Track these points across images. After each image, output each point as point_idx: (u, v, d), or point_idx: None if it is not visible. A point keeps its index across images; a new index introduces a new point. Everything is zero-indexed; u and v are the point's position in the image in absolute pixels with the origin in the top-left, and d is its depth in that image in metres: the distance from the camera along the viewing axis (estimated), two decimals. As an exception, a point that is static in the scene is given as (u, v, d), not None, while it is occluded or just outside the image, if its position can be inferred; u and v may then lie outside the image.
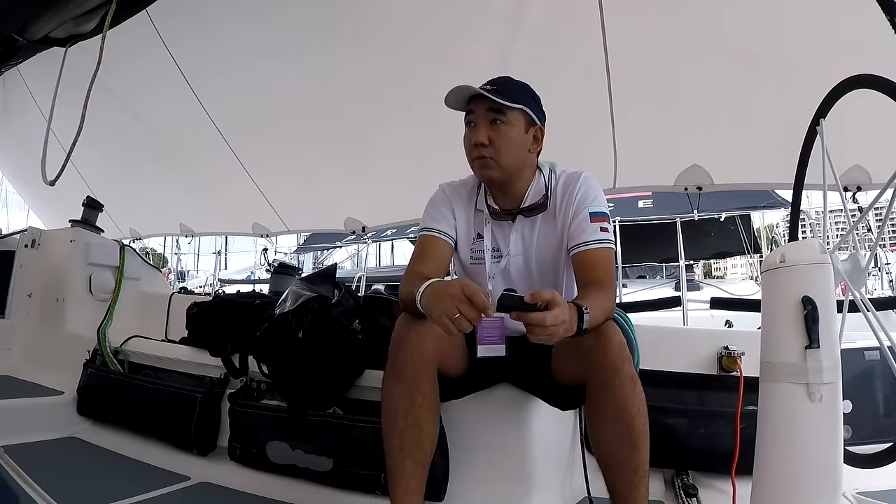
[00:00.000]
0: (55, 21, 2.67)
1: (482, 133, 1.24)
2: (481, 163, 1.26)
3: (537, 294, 0.94)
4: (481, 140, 1.23)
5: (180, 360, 1.94)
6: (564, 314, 0.95)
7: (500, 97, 1.21)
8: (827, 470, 1.02)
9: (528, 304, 0.94)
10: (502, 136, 1.24)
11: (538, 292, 0.95)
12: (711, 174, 2.78)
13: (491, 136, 1.24)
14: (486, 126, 1.24)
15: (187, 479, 1.57)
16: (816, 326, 1.03)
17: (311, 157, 3.63)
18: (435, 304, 0.99)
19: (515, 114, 1.25)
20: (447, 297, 0.97)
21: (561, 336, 0.96)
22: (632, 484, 1.05)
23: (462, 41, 2.61)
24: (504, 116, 1.24)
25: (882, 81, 1.08)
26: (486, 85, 1.25)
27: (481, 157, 1.25)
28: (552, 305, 0.93)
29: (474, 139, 1.24)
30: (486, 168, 1.26)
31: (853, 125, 1.92)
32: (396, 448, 1.10)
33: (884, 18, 1.03)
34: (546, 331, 0.93)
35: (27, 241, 2.67)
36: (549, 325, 0.92)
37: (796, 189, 1.55)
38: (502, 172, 1.27)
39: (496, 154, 1.24)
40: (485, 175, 1.29)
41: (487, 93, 1.21)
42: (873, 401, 1.67)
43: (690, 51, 2.36)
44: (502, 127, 1.24)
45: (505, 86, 1.25)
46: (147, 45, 3.07)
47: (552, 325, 0.92)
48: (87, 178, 4.37)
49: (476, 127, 1.25)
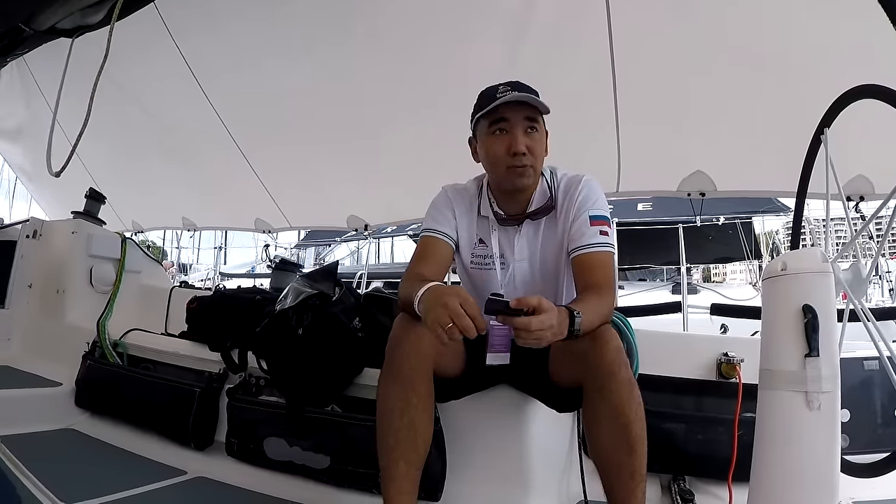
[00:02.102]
0: (62, 12, 2.67)
1: (521, 141, 1.22)
2: (521, 171, 1.25)
3: (523, 300, 0.96)
4: (522, 149, 1.22)
5: (179, 354, 1.94)
6: (551, 319, 0.95)
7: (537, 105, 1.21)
8: (824, 478, 1.02)
9: (513, 308, 0.95)
10: (537, 143, 1.25)
11: (524, 298, 0.96)
12: (715, 181, 2.78)
13: (528, 144, 1.23)
14: (523, 134, 1.23)
15: (184, 473, 1.57)
16: (816, 335, 1.03)
17: (316, 155, 3.63)
18: (429, 312, 0.99)
19: (542, 120, 1.26)
20: (440, 306, 0.97)
21: (549, 340, 0.97)
22: (628, 488, 1.05)
23: (470, 43, 2.62)
24: (537, 124, 1.25)
25: (888, 92, 1.08)
26: (509, 90, 1.23)
27: (522, 166, 1.24)
28: (538, 311, 0.94)
29: (514, 148, 1.23)
30: (524, 177, 1.26)
31: (857, 135, 1.92)
32: (391, 448, 1.10)
33: (889, 27, 1.03)
34: (532, 335, 0.94)
35: (29, 232, 2.67)
36: (534, 329, 0.94)
37: (799, 198, 1.54)
38: (535, 180, 1.28)
39: (534, 162, 1.25)
40: (522, 184, 1.27)
41: (526, 101, 1.21)
42: (871, 410, 1.67)
43: (696, 57, 2.36)
44: (536, 135, 1.25)
45: (531, 92, 1.25)
46: (155, 38, 3.07)
47: (538, 330, 0.94)
48: (90, 169, 4.37)
49: (512, 134, 1.24)
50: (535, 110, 1.23)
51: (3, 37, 2.87)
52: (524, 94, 1.22)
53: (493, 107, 1.23)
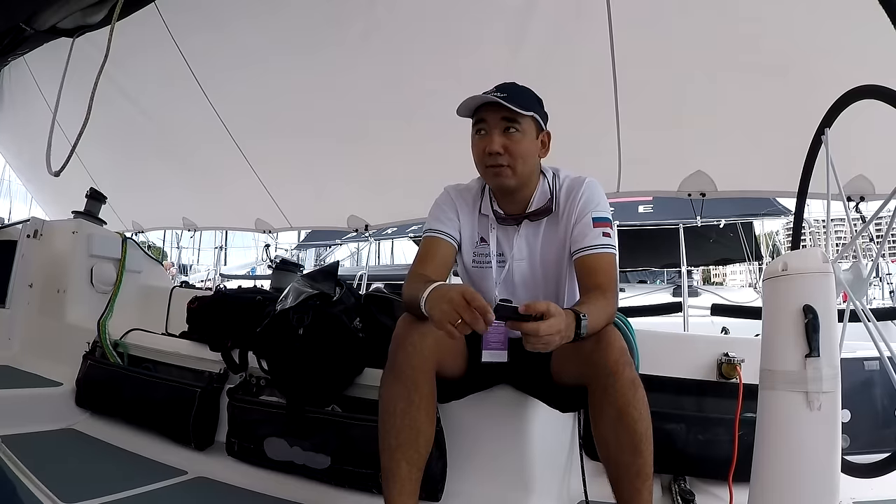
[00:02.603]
0: (63, 11, 2.67)
1: (496, 142, 1.23)
2: (496, 171, 1.25)
3: (531, 305, 0.95)
4: (496, 149, 1.23)
5: (180, 354, 1.94)
6: (560, 324, 0.96)
7: (513, 105, 1.21)
8: (824, 479, 1.02)
9: (522, 314, 0.95)
10: (516, 144, 1.24)
11: (533, 304, 0.96)
12: (715, 181, 2.78)
13: (505, 144, 1.23)
14: (500, 134, 1.23)
15: (184, 473, 1.57)
16: (817, 335, 1.03)
17: (316, 155, 3.63)
18: (436, 309, 1.00)
19: (528, 121, 1.25)
20: (446, 302, 0.97)
21: (557, 344, 0.97)
22: (634, 487, 1.06)
23: (471, 43, 2.61)
24: (517, 124, 1.24)
25: (888, 93, 1.08)
26: (494, 92, 1.24)
27: (497, 166, 1.24)
28: (547, 316, 0.94)
29: (489, 148, 1.23)
30: (501, 177, 1.26)
31: (858, 135, 1.92)
32: (392, 448, 1.10)
33: (889, 27, 1.03)
34: (541, 340, 0.94)
35: (29, 232, 2.67)
36: (542, 335, 0.94)
37: (800, 198, 1.55)
38: (517, 180, 1.28)
39: (512, 162, 1.24)
40: (499, 183, 1.28)
41: (500, 100, 1.20)
42: (872, 411, 1.67)
43: (697, 57, 2.36)
44: (516, 135, 1.24)
45: (515, 92, 1.25)
46: (155, 38, 3.07)
47: (546, 335, 0.94)
48: (90, 169, 4.37)
49: (489, 135, 1.24)
50: (513, 111, 1.22)
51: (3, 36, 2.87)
52: (498, 95, 1.22)
53: (474, 108, 1.26)
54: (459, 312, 0.95)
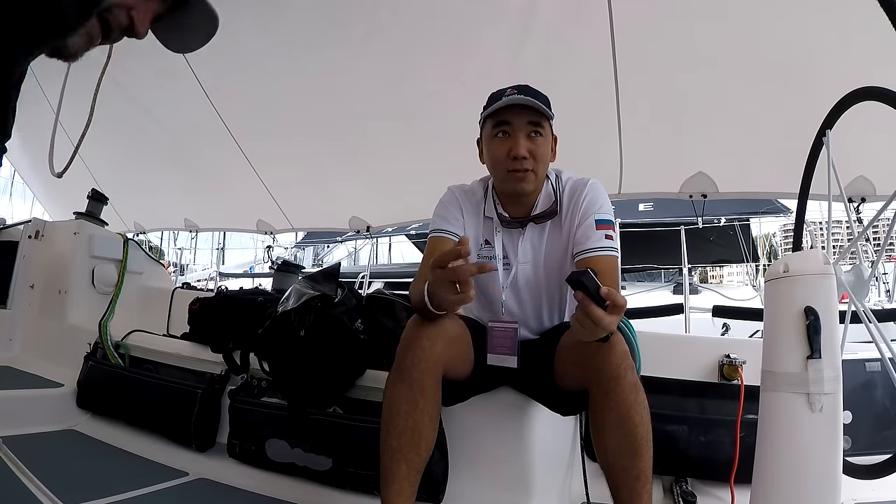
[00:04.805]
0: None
1: (522, 145, 1.22)
2: (521, 175, 1.24)
3: (612, 293, 0.89)
4: (523, 153, 1.21)
5: (181, 355, 1.94)
6: (616, 323, 0.93)
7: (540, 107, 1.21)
8: (826, 480, 1.02)
9: (598, 295, 0.89)
10: (540, 147, 1.24)
11: (614, 292, 0.90)
12: (717, 182, 2.78)
13: (531, 148, 1.22)
14: (525, 138, 1.23)
15: (185, 474, 1.57)
16: (818, 337, 1.02)
17: (318, 156, 3.63)
18: (435, 295, 1.02)
19: (548, 125, 1.25)
20: (434, 283, 1.00)
21: (597, 337, 0.95)
22: (634, 491, 1.06)
23: (473, 44, 2.61)
24: (542, 128, 1.24)
25: (889, 94, 1.08)
26: (514, 93, 1.22)
27: (522, 170, 1.23)
28: (614, 311, 0.90)
29: (514, 152, 1.22)
30: (524, 181, 1.25)
31: (859, 136, 1.93)
32: (394, 449, 1.10)
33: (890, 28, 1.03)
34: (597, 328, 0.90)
35: (31, 232, 2.67)
36: (603, 325, 0.89)
37: (801, 199, 1.54)
38: (536, 185, 1.27)
39: (535, 167, 1.24)
40: (521, 188, 1.26)
41: (530, 104, 1.20)
42: (873, 412, 1.67)
43: (698, 58, 2.36)
44: (539, 139, 1.24)
45: (536, 95, 1.24)
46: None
47: (603, 326, 0.89)
48: (92, 170, 4.38)
49: (513, 138, 1.23)
50: (540, 114, 1.23)
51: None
52: (528, 97, 1.21)
53: (497, 109, 1.23)
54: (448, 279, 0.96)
